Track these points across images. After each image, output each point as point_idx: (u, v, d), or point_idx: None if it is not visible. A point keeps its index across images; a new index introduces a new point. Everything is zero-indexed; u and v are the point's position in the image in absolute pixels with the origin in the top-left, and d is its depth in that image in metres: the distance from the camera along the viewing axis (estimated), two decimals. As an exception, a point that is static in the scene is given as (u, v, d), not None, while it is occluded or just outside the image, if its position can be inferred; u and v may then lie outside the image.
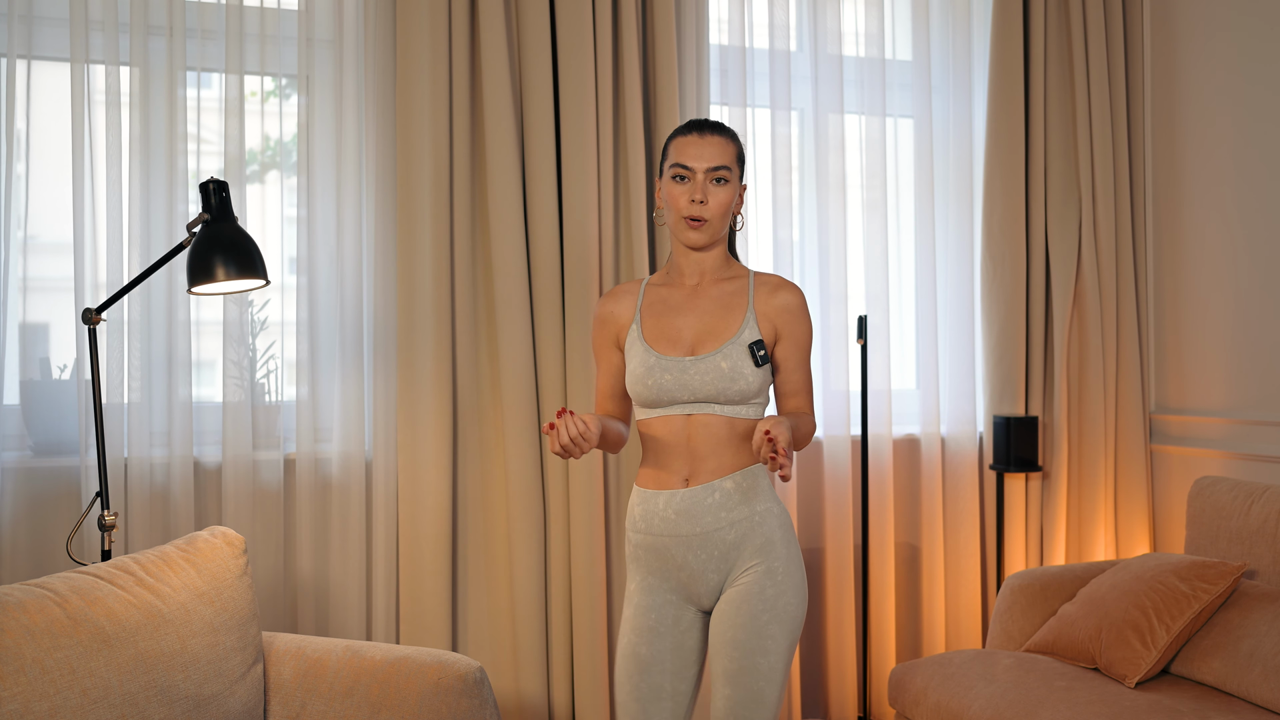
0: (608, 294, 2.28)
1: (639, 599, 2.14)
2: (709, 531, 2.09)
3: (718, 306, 2.17)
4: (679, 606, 2.14)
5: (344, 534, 3.05)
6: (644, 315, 2.19)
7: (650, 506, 2.13)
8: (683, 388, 2.10)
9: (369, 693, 2.19)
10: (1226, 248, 3.43)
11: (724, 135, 2.16)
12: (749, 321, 2.14)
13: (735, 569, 2.10)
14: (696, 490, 2.09)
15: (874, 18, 3.51)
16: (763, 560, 2.09)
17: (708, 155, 2.12)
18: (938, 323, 3.57)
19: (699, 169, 2.12)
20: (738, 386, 2.09)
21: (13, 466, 2.85)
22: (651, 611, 2.13)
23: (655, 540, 2.12)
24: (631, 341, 2.17)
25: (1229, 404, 3.43)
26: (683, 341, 2.15)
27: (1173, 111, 3.64)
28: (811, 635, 3.53)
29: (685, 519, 2.09)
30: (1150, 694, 2.59)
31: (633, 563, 2.17)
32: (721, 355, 2.10)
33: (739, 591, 2.08)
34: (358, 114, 3.07)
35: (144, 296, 2.92)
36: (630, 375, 2.15)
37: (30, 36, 2.87)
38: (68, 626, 1.89)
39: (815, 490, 3.52)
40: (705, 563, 2.10)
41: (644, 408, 2.15)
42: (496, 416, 3.13)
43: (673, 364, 2.10)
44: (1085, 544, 3.59)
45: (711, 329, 2.14)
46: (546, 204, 3.11)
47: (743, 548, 2.09)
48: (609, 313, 2.24)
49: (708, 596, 2.13)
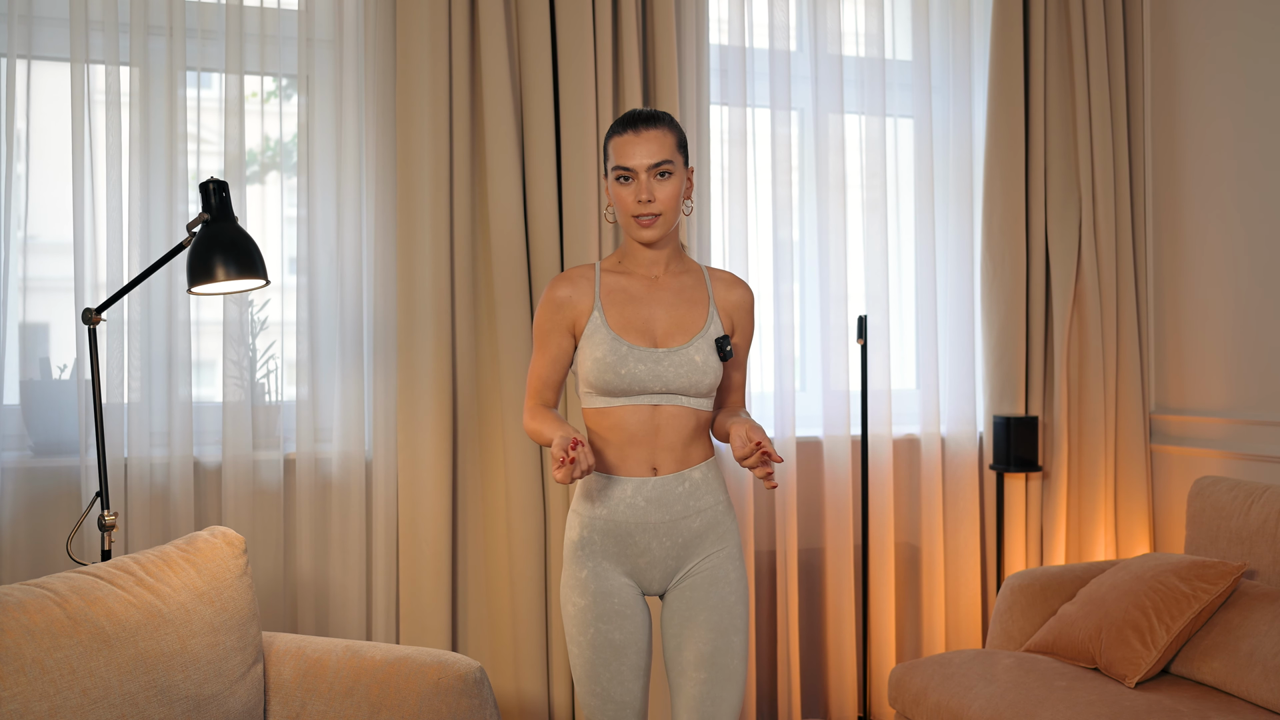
0: (561, 277, 2.20)
1: (595, 586, 2.12)
2: (677, 519, 2.14)
3: (680, 299, 2.18)
4: (633, 589, 2.16)
5: (344, 534, 3.05)
6: (604, 303, 2.16)
7: (617, 492, 2.13)
8: (655, 379, 2.11)
9: (369, 693, 2.19)
10: (1226, 248, 3.43)
11: (660, 126, 2.12)
12: (713, 316, 2.18)
13: (694, 556, 2.16)
14: (667, 479, 2.13)
15: (874, 18, 3.51)
16: (723, 546, 2.17)
17: (647, 152, 2.10)
18: (938, 323, 3.57)
19: (640, 168, 2.10)
20: (708, 380, 2.14)
21: (13, 466, 2.85)
22: (613, 596, 2.13)
23: (619, 525, 2.13)
24: (594, 329, 2.13)
25: (1229, 404, 3.43)
26: (651, 333, 2.15)
27: (1173, 111, 3.64)
28: (811, 635, 3.53)
29: (656, 507, 2.13)
30: (1150, 694, 2.59)
31: (581, 550, 2.14)
32: (694, 349, 2.13)
33: (704, 577, 2.15)
34: (358, 114, 3.07)
35: (144, 296, 2.92)
36: (597, 363, 2.11)
37: (30, 36, 2.87)
38: (68, 626, 1.89)
39: (815, 490, 3.52)
40: (668, 550, 2.15)
41: (607, 396, 2.13)
42: (496, 416, 3.13)
43: (646, 355, 2.11)
44: (1085, 544, 3.59)
45: (679, 322, 2.16)
46: (546, 204, 3.11)
47: (705, 536, 2.16)
48: (565, 297, 2.16)
49: (658, 582, 2.18)
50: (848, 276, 3.48)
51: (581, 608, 2.13)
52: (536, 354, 2.22)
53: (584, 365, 2.15)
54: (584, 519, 2.16)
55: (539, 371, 2.22)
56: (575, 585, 2.14)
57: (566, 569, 2.17)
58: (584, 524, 2.15)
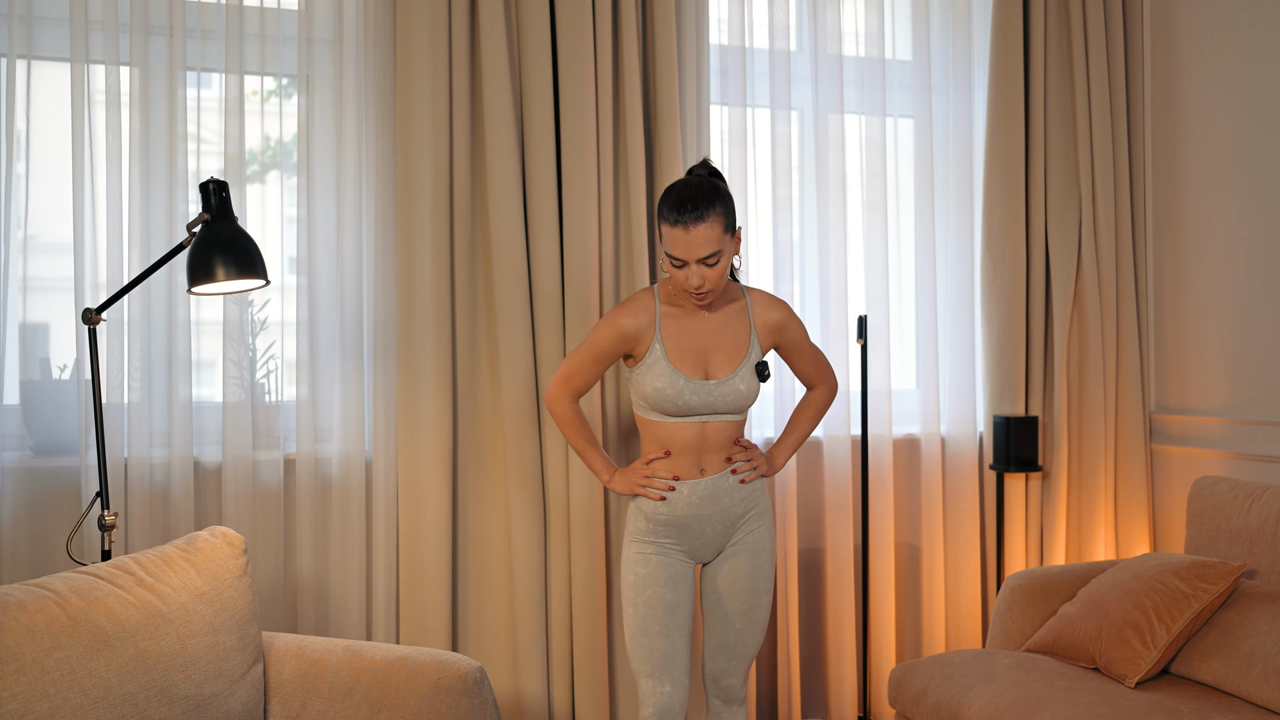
0: (627, 308, 2.49)
1: (655, 558, 2.51)
2: (725, 509, 2.54)
3: (727, 329, 2.52)
4: (686, 563, 2.55)
5: (344, 534, 3.05)
6: (663, 334, 2.47)
7: (674, 493, 2.50)
8: (706, 406, 2.47)
9: (369, 693, 2.19)
10: (1226, 248, 3.43)
11: (708, 220, 2.33)
12: (754, 343, 2.52)
13: (737, 531, 2.57)
14: (714, 479, 2.52)
15: (874, 18, 3.51)
16: (760, 523, 2.59)
17: (696, 248, 2.34)
18: (938, 323, 3.57)
19: (690, 259, 2.35)
20: (748, 402, 2.52)
21: (13, 466, 2.85)
22: (670, 565, 2.51)
23: (679, 519, 2.51)
24: (655, 360, 2.45)
25: (1229, 404, 3.43)
26: (703, 365, 2.49)
27: (1173, 111, 3.64)
28: (811, 635, 3.53)
29: (708, 501, 2.52)
30: (1150, 694, 2.59)
31: (646, 536, 2.52)
32: (739, 378, 2.48)
33: (748, 548, 2.57)
34: (358, 114, 3.07)
35: (144, 296, 2.92)
36: (657, 393, 2.44)
37: (30, 36, 2.87)
38: (68, 626, 1.89)
39: (815, 490, 3.52)
40: (719, 530, 2.55)
41: (663, 415, 2.49)
42: (496, 416, 3.13)
43: (700, 387, 2.45)
44: (1085, 544, 3.59)
45: (726, 353, 2.50)
46: (546, 204, 3.11)
47: (747, 515, 2.57)
48: (631, 329, 2.47)
49: (710, 553, 2.58)
50: (848, 276, 3.48)
51: (642, 575, 2.50)
52: (587, 354, 2.53)
53: (644, 389, 2.47)
54: (648, 514, 2.52)
55: (583, 369, 2.55)
56: (639, 559, 2.52)
57: (631, 547, 2.53)
58: (648, 518, 2.52)
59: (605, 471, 2.59)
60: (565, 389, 2.56)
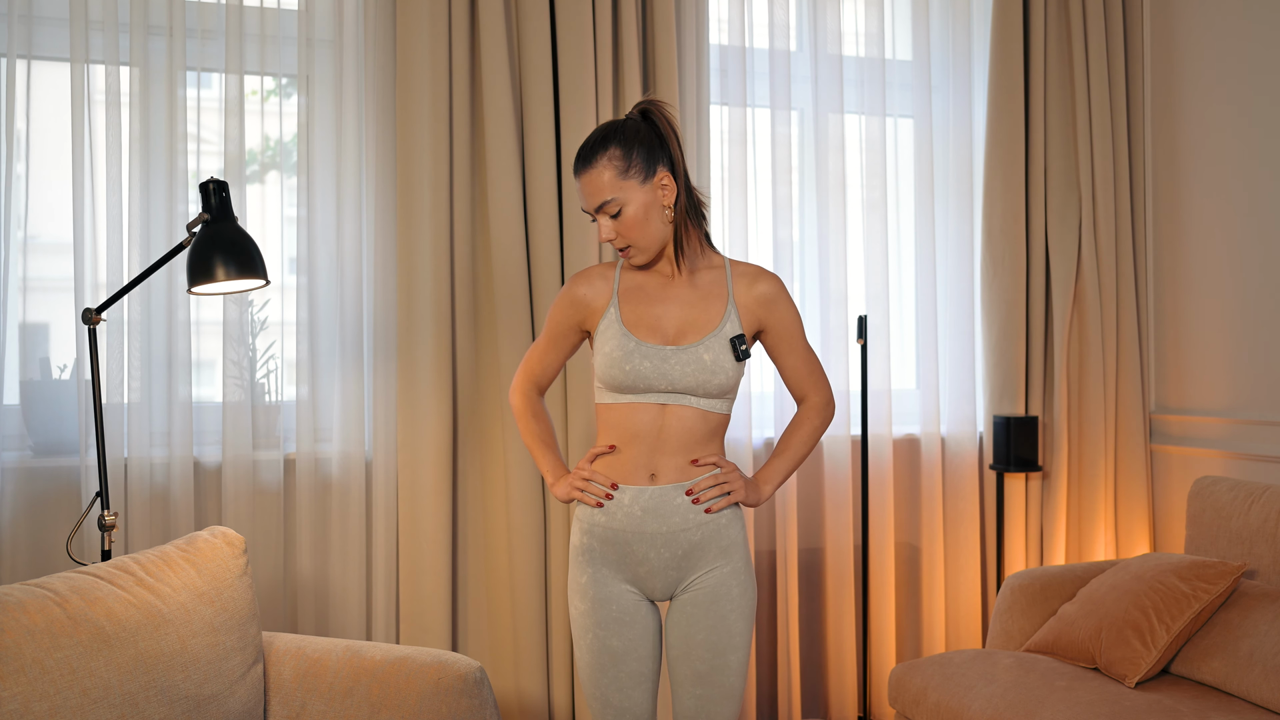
0: (581, 274, 2.18)
1: (594, 592, 2.10)
2: (675, 531, 2.08)
3: (697, 296, 2.12)
4: (635, 595, 2.12)
5: (344, 534, 3.05)
6: (621, 300, 2.13)
7: (615, 500, 2.09)
8: (661, 376, 2.06)
9: (369, 693, 2.19)
10: (1226, 248, 3.43)
11: (595, 165, 2.06)
12: (730, 314, 2.11)
13: (696, 569, 2.10)
14: (665, 489, 2.08)
15: (874, 18, 3.51)
16: (726, 561, 2.10)
17: (588, 195, 2.08)
18: (938, 323, 3.57)
19: (590, 210, 2.10)
20: (717, 380, 2.07)
21: (13, 466, 2.85)
22: (611, 603, 2.10)
23: (617, 534, 2.09)
24: (607, 325, 2.10)
25: (1229, 404, 3.43)
26: (663, 330, 2.10)
27: (1173, 111, 3.64)
28: (811, 635, 3.53)
29: (652, 517, 2.07)
30: (1150, 694, 2.59)
31: (582, 555, 2.13)
32: (704, 347, 2.06)
33: (705, 594, 2.09)
34: (358, 114, 3.07)
35: (144, 296, 2.92)
36: (605, 358, 2.08)
37: (30, 36, 2.87)
38: (68, 626, 1.89)
39: (815, 490, 3.52)
40: (667, 561, 2.09)
41: (616, 392, 2.09)
42: (496, 416, 3.13)
43: (653, 351, 2.06)
44: (1085, 544, 3.59)
45: (693, 320, 2.10)
46: (546, 204, 3.11)
47: (706, 549, 2.09)
48: (581, 296, 2.15)
49: (661, 590, 2.13)
50: (848, 276, 3.48)
51: (582, 612, 2.12)
52: (542, 339, 2.23)
53: (596, 360, 2.12)
54: (584, 525, 2.13)
55: (540, 356, 2.24)
56: (576, 590, 2.13)
57: (570, 572, 2.15)
58: (584, 530, 2.13)
59: (552, 474, 2.20)
60: (524, 377, 2.25)
